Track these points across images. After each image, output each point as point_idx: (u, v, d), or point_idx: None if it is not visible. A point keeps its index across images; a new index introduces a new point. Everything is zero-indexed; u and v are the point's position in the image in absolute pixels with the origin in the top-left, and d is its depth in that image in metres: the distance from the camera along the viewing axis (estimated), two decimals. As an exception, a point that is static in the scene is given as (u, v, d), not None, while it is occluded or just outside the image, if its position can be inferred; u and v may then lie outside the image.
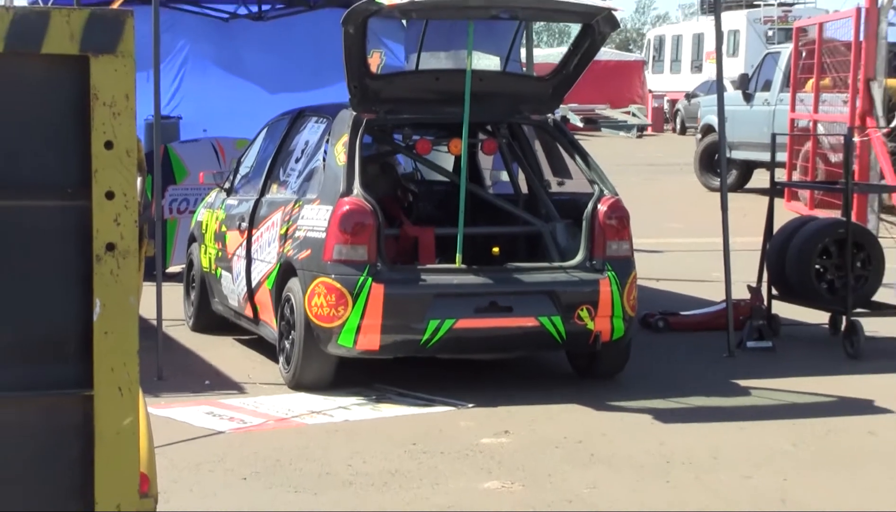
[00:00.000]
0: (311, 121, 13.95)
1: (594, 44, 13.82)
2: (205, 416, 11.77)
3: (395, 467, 10.43)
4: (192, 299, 15.34)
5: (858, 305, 14.98)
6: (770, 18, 46.51)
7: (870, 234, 16.16)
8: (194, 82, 19.69)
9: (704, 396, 12.72)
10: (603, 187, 13.13)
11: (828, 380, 13.28)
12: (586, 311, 12.54)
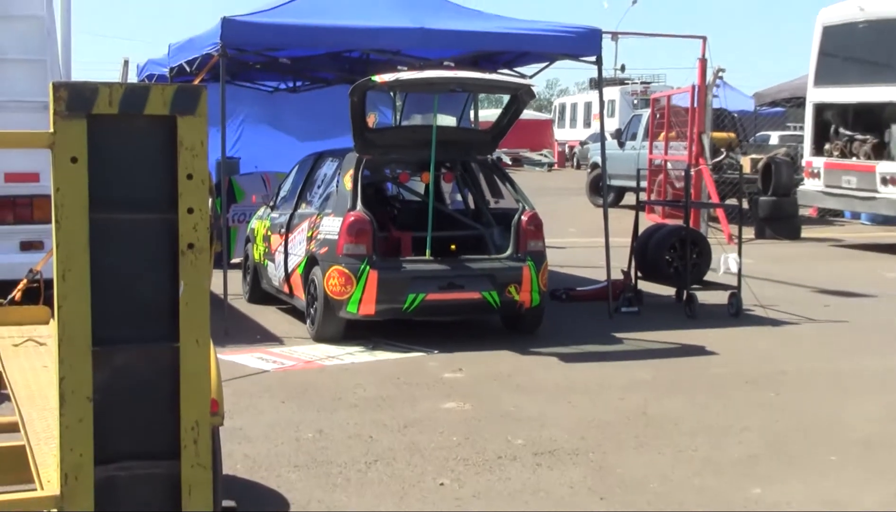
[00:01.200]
0: (328, 160, 14.03)
1: (519, 108, 13.96)
2: (256, 360, 11.76)
3: (386, 394, 10.44)
4: (248, 281, 15.41)
5: (694, 282, 15.08)
6: (636, 92, 46.89)
7: (702, 236, 16.25)
8: (249, 134, 19.74)
9: (594, 344, 12.77)
10: (525, 204, 13.26)
11: (674, 333, 13.33)
12: (514, 287, 12.62)
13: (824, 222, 27.77)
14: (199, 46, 14.29)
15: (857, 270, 19.51)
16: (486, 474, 8.07)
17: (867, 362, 12.29)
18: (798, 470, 8.36)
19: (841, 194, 23.24)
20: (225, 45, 13.10)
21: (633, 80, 56.75)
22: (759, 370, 11.66)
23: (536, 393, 10.59)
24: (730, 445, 8.94)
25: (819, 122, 23.75)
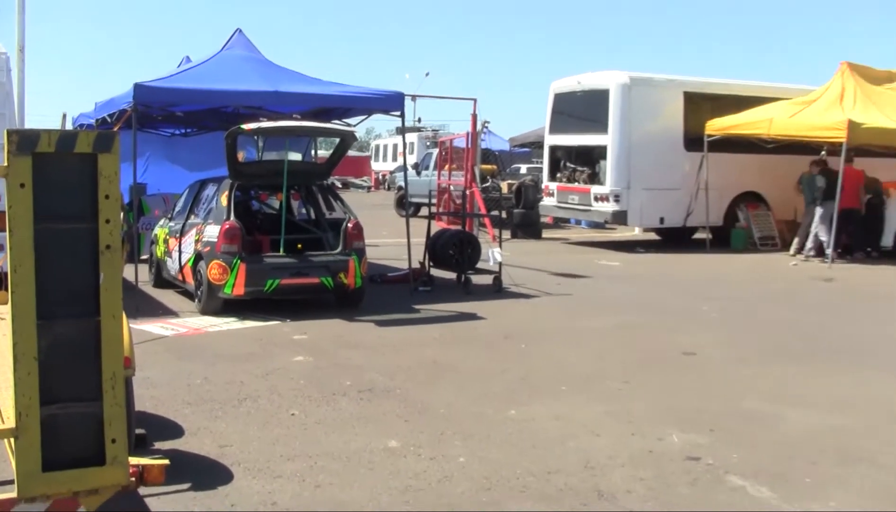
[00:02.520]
0: (210, 184, 13.83)
1: (346, 147, 13.97)
2: (159, 328, 11.47)
3: (252, 351, 10.31)
4: (153, 271, 15.04)
5: (469, 269, 15.19)
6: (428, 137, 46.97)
7: (474, 237, 16.34)
8: (154, 166, 19.37)
9: (400, 313, 12.74)
10: (350, 215, 13.24)
11: (456, 304, 13.37)
12: (343, 274, 12.58)
13: (557, 227, 28.20)
14: (117, 103, 14.05)
15: (579, 259, 19.85)
16: (324, 406, 8.03)
17: (585, 322, 12.50)
18: (540, 397, 8.48)
19: (568, 208, 23.69)
20: (136, 103, 12.94)
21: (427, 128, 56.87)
22: (514, 329, 11.78)
23: (360, 348, 10.55)
24: (494, 381, 9.03)
25: (553, 158, 24.11)
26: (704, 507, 5.90)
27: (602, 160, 22.18)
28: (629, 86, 21.80)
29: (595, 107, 22.30)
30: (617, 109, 21.77)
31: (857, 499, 6.10)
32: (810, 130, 20.33)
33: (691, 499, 6.02)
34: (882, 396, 8.80)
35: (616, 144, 21.76)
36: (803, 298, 15.36)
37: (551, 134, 24.24)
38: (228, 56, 15.22)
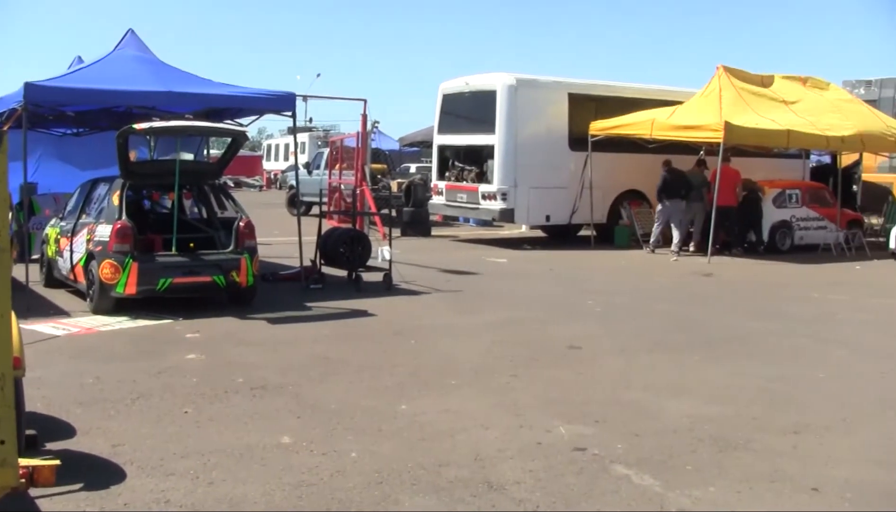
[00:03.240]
0: (101, 184, 13.54)
1: (237, 147, 13.86)
2: (50, 328, 11.19)
3: (145, 349, 10.13)
4: (44, 271, 14.67)
5: (359, 266, 15.13)
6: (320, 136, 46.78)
7: (365, 235, 16.23)
8: (45, 166, 18.82)
9: (292, 311, 12.64)
10: (242, 214, 13.11)
11: (347, 302, 13.30)
12: (235, 272, 12.45)
13: (446, 225, 28.26)
14: (6, 103, 13.65)
15: (468, 256, 19.93)
16: (217, 404, 7.93)
17: (473, 318, 12.57)
18: (430, 391, 8.50)
19: (457, 206, 23.79)
20: (26, 102, 12.61)
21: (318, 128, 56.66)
22: (404, 325, 11.78)
23: (252, 345, 10.44)
24: (385, 376, 9.01)
25: (442, 157, 24.19)
26: (591, 496, 5.98)
27: (490, 159, 22.32)
28: (515, 87, 21.97)
29: (482, 107, 22.44)
30: (504, 110, 21.93)
31: (734, 483, 6.24)
32: (689, 131, 20.79)
33: (578, 488, 6.09)
34: (756, 385, 9.02)
35: (503, 144, 21.92)
36: (683, 292, 15.66)
37: (440, 134, 24.30)
38: (120, 56, 14.94)
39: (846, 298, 15.38)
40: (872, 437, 7.48)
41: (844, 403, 8.46)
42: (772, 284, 17.06)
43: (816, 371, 9.76)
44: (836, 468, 6.63)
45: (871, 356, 10.69)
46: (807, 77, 24.42)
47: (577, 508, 5.80)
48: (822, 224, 22.67)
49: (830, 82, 25.13)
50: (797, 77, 24.11)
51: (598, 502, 5.89)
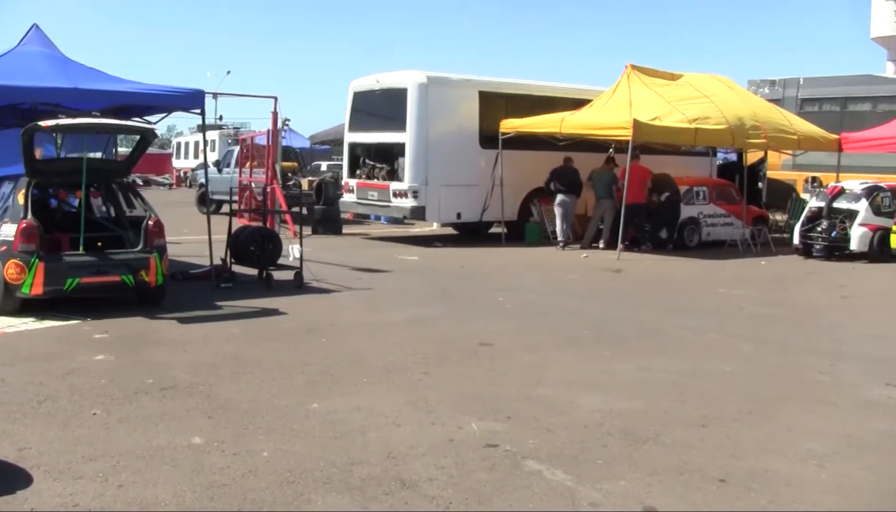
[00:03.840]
0: (6, 182, 13.25)
1: (146, 145, 13.71)
2: (-47, 329, 10.99)
3: (51, 351, 9.94)
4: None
5: (270, 265, 15.02)
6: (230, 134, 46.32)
7: (276, 233, 16.14)
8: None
9: (202, 310, 12.49)
10: (151, 212, 12.94)
11: (258, 300, 13.20)
12: (144, 272, 12.28)
13: (358, 223, 28.19)
14: None
15: (380, 254, 19.90)
16: (127, 405, 7.82)
17: (385, 315, 12.56)
18: (342, 389, 8.48)
19: (368, 204, 23.71)
20: (-74, 99, 12.30)
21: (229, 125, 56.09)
22: (315, 324, 11.73)
23: (162, 345, 10.31)
24: (296, 375, 8.97)
25: (353, 155, 24.10)
26: (503, 491, 6.03)
27: (401, 157, 22.31)
28: (426, 85, 22.00)
29: (393, 105, 22.42)
30: (414, 108, 21.94)
31: (644, 476, 6.34)
32: (599, 129, 21.06)
33: (490, 484, 6.13)
34: (665, 379, 9.17)
35: (414, 142, 21.93)
36: (593, 288, 15.83)
37: (351, 131, 24.23)
38: (25, 52, 14.59)
39: (752, 292, 15.71)
40: (776, 428, 7.64)
41: (750, 396, 8.64)
42: (680, 279, 17.35)
43: (723, 365, 9.95)
44: (743, 459, 6.78)
45: (775, 349, 10.93)
46: (713, 75, 24.85)
47: (490, 504, 5.84)
48: (728, 221, 23.12)
49: (735, 82, 25.60)
50: (704, 76, 24.51)
51: (510, 498, 5.94)
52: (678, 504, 5.93)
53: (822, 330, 12.52)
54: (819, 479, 6.47)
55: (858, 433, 7.59)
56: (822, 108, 29.19)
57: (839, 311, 14.31)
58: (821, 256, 21.25)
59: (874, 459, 6.95)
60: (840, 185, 22.12)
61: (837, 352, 10.92)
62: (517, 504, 5.85)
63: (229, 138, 44.60)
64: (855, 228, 20.76)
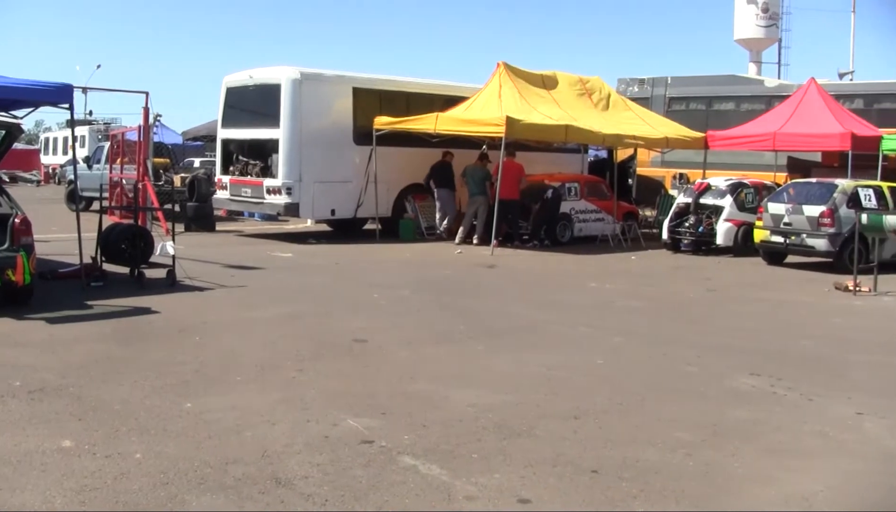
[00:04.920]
0: None
1: (12, 140, 13.47)
2: None
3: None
4: None
5: (142, 263, 14.75)
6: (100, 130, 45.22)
7: (147, 230, 15.86)
8: None
9: (72, 310, 12.14)
10: (18, 210, 12.57)
11: (130, 299, 12.92)
12: (10, 271, 11.87)
13: (231, 220, 27.87)
14: None
15: (253, 251, 19.70)
16: (-9, 408, 7.61)
17: (259, 313, 12.43)
18: (216, 388, 8.39)
19: (242, 200, 23.47)
20: None
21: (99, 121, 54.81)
22: (188, 322, 11.55)
23: (30, 347, 10.01)
24: (169, 375, 8.82)
25: (226, 151, 23.83)
26: (378, 488, 6.04)
27: (274, 154, 22.15)
28: (300, 81, 21.87)
29: (267, 101, 22.25)
30: (288, 104, 21.79)
31: (519, 469, 6.43)
32: (472, 126, 21.25)
33: (366, 480, 6.14)
34: (538, 373, 9.30)
35: (287, 138, 21.79)
36: (467, 283, 15.96)
37: (224, 128, 23.94)
38: None
39: (622, 286, 16.03)
40: (646, 419, 7.83)
41: (621, 388, 8.83)
42: (553, 274, 17.60)
43: (595, 358, 10.13)
44: (614, 450, 6.93)
45: (645, 342, 11.18)
46: (585, 77, 25.28)
47: (365, 501, 5.84)
48: (599, 216, 23.56)
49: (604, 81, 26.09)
50: (575, 75, 24.91)
51: (385, 494, 5.95)
52: (552, 496, 6.03)
53: (690, 322, 12.86)
54: (687, 466, 6.65)
55: (724, 421, 7.83)
56: (688, 107, 29.98)
57: (706, 303, 14.70)
58: (688, 250, 21.83)
59: (739, 445, 7.17)
60: (706, 181, 22.74)
61: (704, 343, 11.23)
62: (393, 500, 5.87)
63: (99, 134, 43.55)
64: (721, 224, 21.38)
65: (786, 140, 23.64)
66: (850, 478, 6.61)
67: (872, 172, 22.41)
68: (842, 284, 16.35)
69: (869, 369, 10.24)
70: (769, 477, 6.52)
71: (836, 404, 8.53)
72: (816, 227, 18.91)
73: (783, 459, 6.94)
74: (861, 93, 27.83)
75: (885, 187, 19.83)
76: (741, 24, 59.60)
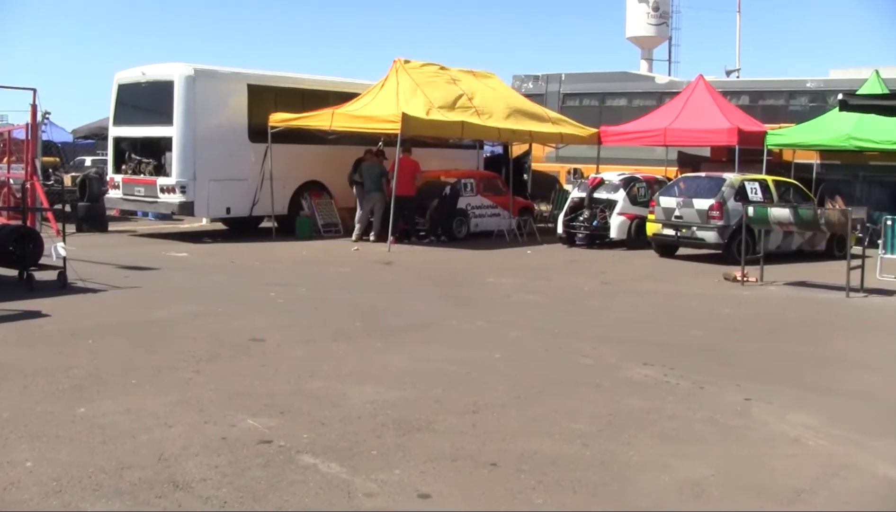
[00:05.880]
0: None
1: None
2: None
3: None
4: None
5: (31, 265, 14.34)
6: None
7: (36, 231, 15.43)
8: None
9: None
10: None
11: (18, 302, 12.54)
12: None
13: (124, 219, 27.35)
14: None
15: (147, 251, 19.40)
16: None
17: (154, 313, 12.20)
18: (110, 392, 8.21)
19: (135, 199, 23.06)
20: None
21: (-20, 120, 53.35)
22: (80, 325, 11.30)
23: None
24: (62, 379, 8.62)
25: (118, 149, 23.38)
26: (278, 488, 5.98)
27: (168, 152, 21.83)
28: (194, 78, 21.58)
29: (160, 98, 21.90)
30: (182, 101, 21.49)
31: (418, 465, 6.42)
32: (368, 122, 21.21)
33: (265, 481, 6.07)
34: (437, 369, 9.32)
35: (181, 136, 21.49)
36: (365, 280, 15.93)
37: (116, 125, 23.50)
38: None
39: (519, 281, 16.16)
40: (543, 411, 7.89)
41: (519, 381, 8.89)
42: (450, 270, 17.65)
43: (493, 352, 10.19)
44: (513, 442, 6.97)
45: (541, 335, 11.28)
46: (480, 72, 25.39)
47: (265, 501, 5.78)
48: (495, 212, 23.72)
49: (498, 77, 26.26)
50: (470, 71, 25.01)
51: (285, 493, 5.90)
52: (452, 490, 6.04)
53: (585, 315, 13.02)
54: (584, 456, 6.72)
55: (619, 411, 7.94)
56: (582, 103, 30.33)
57: (600, 296, 14.89)
58: (583, 244, 22.10)
59: (634, 434, 7.28)
60: (600, 176, 23.06)
61: (599, 335, 11.37)
62: (293, 499, 5.82)
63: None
64: (614, 218, 21.70)
65: (676, 135, 24.12)
66: (739, 462, 6.76)
67: (758, 167, 23.06)
68: (730, 274, 16.75)
69: (756, 357, 10.51)
70: (663, 464, 6.63)
71: (725, 391, 8.73)
72: (706, 220, 19.32)
73: (676, 445, 7.08)
74: (747, 90, 28.50)
75: (769, 181, 20.42)
76: (633, 23, 60.54)
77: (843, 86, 23.27)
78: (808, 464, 6.75)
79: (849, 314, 13.88)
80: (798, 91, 27.17)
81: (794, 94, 27.22)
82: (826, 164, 25.25)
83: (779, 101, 27.46)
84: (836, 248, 19.89)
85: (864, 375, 9.72)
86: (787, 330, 12.38)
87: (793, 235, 19.51)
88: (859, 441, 7.31)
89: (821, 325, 12.93)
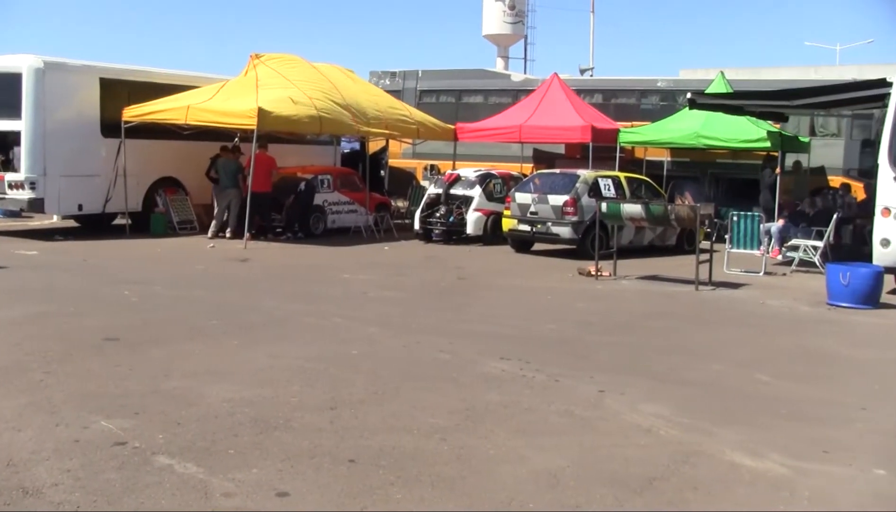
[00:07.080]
0: None
1: None
2: None
3: None
4: None
5: None
6: None
7: None
8: None
9: None
10: None
11: None
12: None
13: (-30, 216, 26.45)
14: None
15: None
16: None
17: (9, 312, 11.82)
18: (-44, 396, 7.95)
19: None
20: None
21: None
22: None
23: None
24: None
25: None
26: (133, 490, 5.86)
27: (16, 146, 21.08)
28: (43, 70, 20.90)
29: (7, 91, 21.10)
30: (30, 94, 20.79)
31: (276, 463, 6.38)
32: (225, 117, 20.90)
33: (120, 483, 5.94)
34: (294, 366, 9.27)
35: (30, 130, 20.79)
36: (221, 278, 15.72)
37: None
38: None
39: (376, 277, 16.17)
40: (401, 406, 7.93)
41: (376, 377, 8.90)
42: (307, 267, 17.57)
43: (350, 348, 10.18)
44: (371, 438, 6.98)
45: (398, 331, 11.32)
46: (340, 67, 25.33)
47: (120, 504, 5.66)
48: (353, 208, 23.67)
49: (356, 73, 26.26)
50: (329, 65, 24.90)
51: (141, 496, 5.79)
52: (310, 487, 6.02)
53: (442, 310, 13.11)
54: (442, 451, 6.78)
55: (477, 405, 8.03)
56: (439, 100, 30.54)
57: (457, 292, 15.02)
58: (440, 240, 22.27)
59: (491, 428, 7.38)
60: (456, 172, 23.25)
61: (456, 330, 11.48)
62: (148, 501, 5.72)
63: None
64: (470, 213, 21.93)
65: (531, 132, 24.51)
66: (593, 452, 6.91)
67: (611, 164, 23.61)
68: (584, 269, 17.10)
69: (609, 349, 10.78)
70: (520, 456, 6.74)
71: (580, 384, 8.92)
72: (560, 216, 19.67)
73: (533, 438, 7.20)
74: (600, 88, 29.15)
75: (622, 177, 20.93)
76: (489, 21, 61.14)
77: (692, 86, 24.04)
78: (659, 452, 6.95)
79: (698, 307, 14.33)
80: (649, 90, 27.94)
81: (646, 93, 27.98)
82: (676, 161, 26.04)
83: (631, 99, 28.16)
84: (686, 242, 20.55)
85: (712, 366, 10.06)
86: (639, 323, 12.70)
87: (645, 231, 20.05)
88: (707, 429, 7.56)
89: (671, 317, 13.30)
